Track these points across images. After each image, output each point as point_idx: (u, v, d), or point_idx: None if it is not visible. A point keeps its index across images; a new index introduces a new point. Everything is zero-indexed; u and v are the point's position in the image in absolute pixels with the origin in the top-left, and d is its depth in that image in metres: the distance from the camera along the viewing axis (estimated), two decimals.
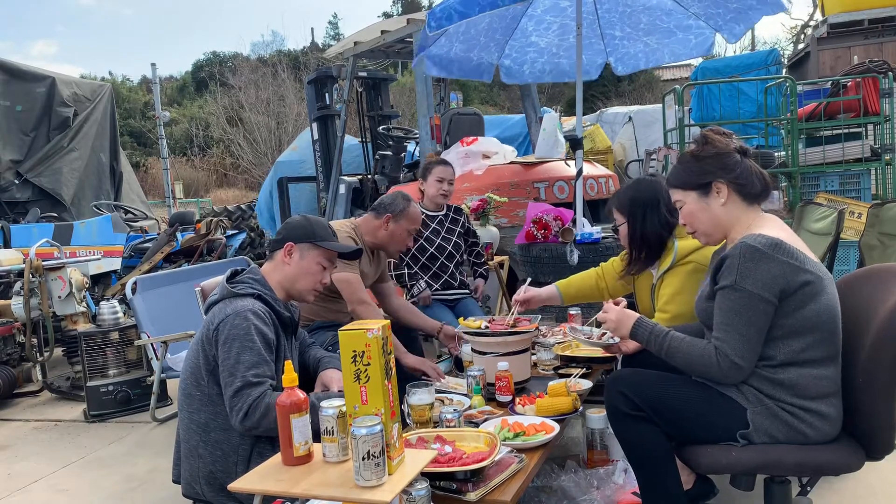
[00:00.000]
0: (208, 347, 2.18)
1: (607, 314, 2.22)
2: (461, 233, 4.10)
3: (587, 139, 9.94)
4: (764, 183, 2.05)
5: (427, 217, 3.94)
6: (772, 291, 1.87)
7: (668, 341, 2.03)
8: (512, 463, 1.91)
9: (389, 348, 1.65)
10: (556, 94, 25.44)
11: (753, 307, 1.87)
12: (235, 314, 2.15)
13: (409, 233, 3.31)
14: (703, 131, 2.12)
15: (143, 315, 4.22)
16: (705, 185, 2.05)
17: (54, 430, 4.27)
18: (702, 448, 1.99)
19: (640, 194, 2.66)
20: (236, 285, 2.27)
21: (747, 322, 1.88)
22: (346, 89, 7.00)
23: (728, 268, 1.91)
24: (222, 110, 25.62)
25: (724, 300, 1.92)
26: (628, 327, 2.14)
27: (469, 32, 4.74)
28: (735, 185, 2.03)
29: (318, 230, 2.40)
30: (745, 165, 2.04)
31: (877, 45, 9.57)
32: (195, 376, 2.22)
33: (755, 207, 2.06)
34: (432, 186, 3.99)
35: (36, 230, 7.07)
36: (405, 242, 3.33)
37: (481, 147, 5.62)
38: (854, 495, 2.66)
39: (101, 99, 10.82)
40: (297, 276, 2.36)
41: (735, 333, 1.89)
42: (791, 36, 23.67)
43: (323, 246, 2.38)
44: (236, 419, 2.06)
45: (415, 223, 3.32)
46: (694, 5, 4.61)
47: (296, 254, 2.35)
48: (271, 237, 5.92)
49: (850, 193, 5.97)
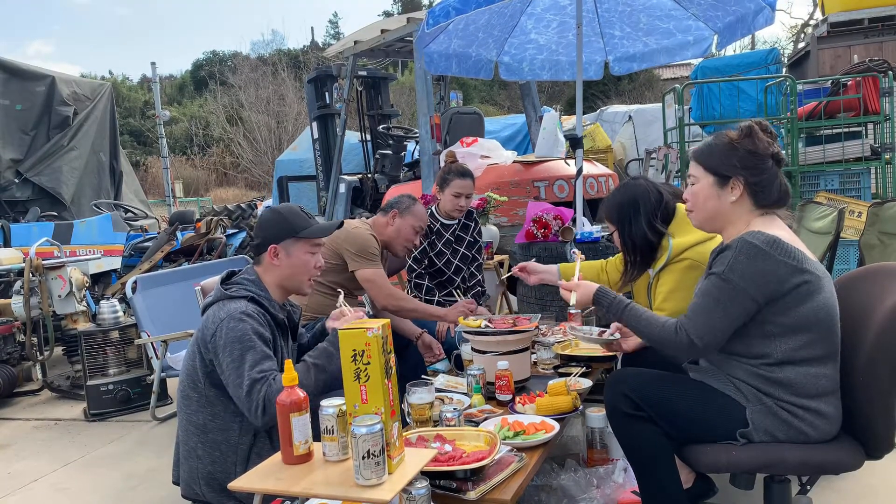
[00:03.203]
0: (204, 352, 2.18)
1: (569, 292, 2.26)
2: (470, 242, 3.92)
3: (587, 138, 9.93)
4: (781, 195, 2.01)
5: (442, 226, 3.80)
6: (759, 290, 1.86)
7: (628, 311, 2.08)
8: (512, 462, 1.91)
9: (389, 347, 1.65)
10: (556, 92, 25.44)
11: (734, 300, 1.88)
12: (230, 317, 2.14)
13: (414, 230, 3.31)
14: (751, 122, 2.04)
15: (144, 314, 4.23)
16: (725, 176, 2.02)
17: (54, 429, 4.27)
18: (702, 447, 1.99)
19: (624, 199, 2.66)
20: (230, 287, 2.26)
21: (722, 312, 1.89)
22: (346, 88, 7.00)
23: (722, 258, 1.92)
24: (222, 109, 25.64)
25: (708, 285, 1.93)
26: (590, 296, 2.20)
27: (468, 29, 4.73)
28: (752, 188, 1.99)
29: (295, 221, 2.35)
30: (773, 173, 1.99)
31: (877, 45, 9.56)
32: (192, 378, 2.22)
33: (762, 210, 2.02)
34: (449, 201, 3.73)
35: (36, 229, 7.06)
36: (411, 239, 3.33)
37: (481, 150, 5.62)
38: (854, 495, 2.66)
39: (101, 98, 10.81)
40: (290, 273, 2.34)
41: (704, 317, 1.91)
42: (791, 35, 23.70)
43: (304, 236, 2.35)
44: (255, 418, 2.05)
45: (420, 220, 3.32)
46: (693, 6, 4.60)
47: (281, 253, 2.32)
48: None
49: (850, 192, 5.98)
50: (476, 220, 4.00)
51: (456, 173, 3.70)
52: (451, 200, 3.72)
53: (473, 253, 3.95)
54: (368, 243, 3.19)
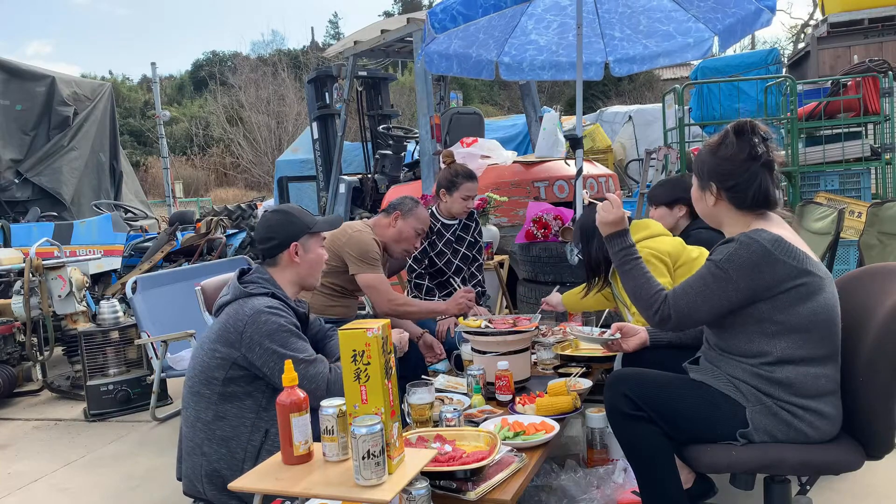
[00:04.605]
0: (227, 350, 2.20)
1: (611, 207, 2.16)
2: (471, 242, 3.90)
3: (587, 138, 9.94)
4: (758, 199, 1.97)
5: (442, 226, 3.79)
6: (749, 283, 1.87)
7: (634, 263, 2.09)
8: (512, 462, 1.92)
9: (389, 347, 1.65)
10: (556, 93, 25.44)
11: (722, 288, 1.89)
12: (258, 312, 2.19)
13: (416, 232, 3.31)
14: (728, 126, 2.03)
15: (144, 314, 4.23)
16: (702, 181, 2.07)
17: (54, 429, 4.27)
18: (702, 447, 1.99)
19: (585, 221, 2.78)
20: (248, 285, 2.30)
21: (707, 294, 1.91)
22: (346, 88, 7.00)
23: (724, 248, 1.94)
24: (222, 109, 25.63)
25: (704, 269, 1.96)
26: (619, 226, 2.15)
27: (468, 30, 4.72)
28: (727, 193, 2.00)
29: (306, 218, 2.45)
30: (749, 176, 1.96)
31: (877, 45, 9.55)
32: (205, 375, 2.24)
33: (751, 213, 2.00)
34: (458, 203, 3.70)
35: (36, 229, 7.06)
36: (412, 242, 3.33)
37: (481, 150, 5.61)
38: (854, 495, 2.66)
39: (101, 98, 10.80)
40: (309, 270, 2.43)
41: (691, 296, 1.93)
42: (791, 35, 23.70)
43: (316, 230, 2.45)
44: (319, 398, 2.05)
45: (422, 223, 3.32)
46: (694, 8, 4.60)
47: (300, 250, 2.39)
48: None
49: (849, 193, 5.97)
50: (477, 221, 3.99)
51: (464, 176, 3.69)
52: (461, 203, 3.70)
53: (474, 253, 3.94)
54: (370, 248, 3.19)
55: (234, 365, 2.21)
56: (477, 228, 3.97)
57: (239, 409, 2.22)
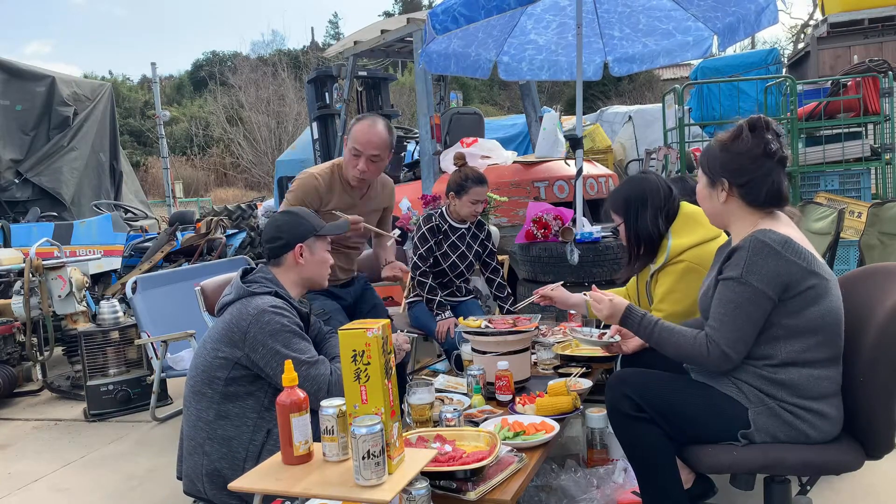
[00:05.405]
0: (230, 350, 2.21)
1: (600, 305, 2.19)
2: (479, 252, 3.87)
3: (587, 138, 9.93)
4: (771, 196, 1.96)
5: (450, 228, 3.76)
6: (775, 289, 1.86)
7: (658, 329, 2.04)
8: (512, 462, 1.91)
9: (389, 347, 1.65)
10: (556, 93, 25.45)
11: (754, 302, 1.87)
12: (261, 312, 2.20)
13: (351, 153, 3.11)
14: (743, 122, 2.00)
15: (144, 314, 4.23)
16: (713, 178, 2.04)
17: (54, 429, 4.27)
18: (703, 448, 1.99)
19: (632, 192, 2.67)
20: (251, 285, 2.31)
21: (746, 316, 1.88)
22: (346, 88, 7.00)
23: (736, 260, 1.91)
24: (222, 109, 25.62)
25: (726, 291, 1.91)
26: (619, 315, 2.14)
27: (468, 29, 4.72)
28: (739, 189, 1.98)
29: (313, 221, 2.47)
30: (763, 172, 1.95)
31: (877, 45, 9.55)
32: (207, 374, 2.24)
33: (761, 211, 1.99)
34: (466, 206, 3.68)
35: (36, 229, 7.06)
36: (352, 163, 3.13)
37: (481, 150, 5.61)
38: (854, 495, 2.66)
39: (101, 98, 10.80)
40: (314, 271, 2.45)
41: (731, 324, 1.89)
42: (791, 35, 23.69)
43: (324, 234, 2.47)
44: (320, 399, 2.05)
45: (354, 140, 3.10)
46: (693, 7, 4.60)
47: (306, 251, 2.41)
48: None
49: (850, 193, 5.98)
50: (489, 232, 3.94)
51: (473, 180, 3.66)
52: (469, 207, 3.69)
53: (485, 258, 3.91)
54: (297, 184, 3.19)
55: (236, 365, 2.22)
56: (487, 235, 3.92)
57: (241, 408, 2.22)
